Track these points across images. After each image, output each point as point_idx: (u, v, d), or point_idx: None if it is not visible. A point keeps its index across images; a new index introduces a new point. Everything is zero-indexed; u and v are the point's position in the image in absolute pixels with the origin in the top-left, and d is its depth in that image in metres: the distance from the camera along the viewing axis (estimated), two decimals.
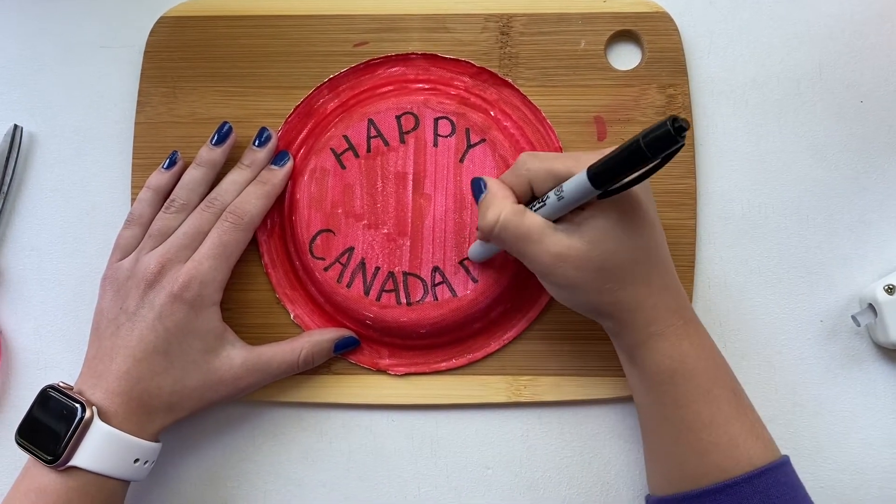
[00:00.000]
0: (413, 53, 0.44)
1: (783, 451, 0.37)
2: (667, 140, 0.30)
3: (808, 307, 0.44)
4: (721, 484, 0.36)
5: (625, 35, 0.45)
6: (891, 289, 0.42)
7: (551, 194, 0.36)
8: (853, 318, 0.42)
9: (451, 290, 0.42)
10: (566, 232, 0.36)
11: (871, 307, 0.42)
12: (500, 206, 0.37)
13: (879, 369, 0.44)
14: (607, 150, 0.34)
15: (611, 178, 0.33)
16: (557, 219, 0.36)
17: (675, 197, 0.44)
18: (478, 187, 0.39)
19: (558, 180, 0.36)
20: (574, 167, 0.35)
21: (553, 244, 0.36)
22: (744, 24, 0.46)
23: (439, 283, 0.42)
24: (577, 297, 0.37)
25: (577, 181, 0.34)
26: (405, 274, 0.42)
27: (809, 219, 0.45)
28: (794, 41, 0.45)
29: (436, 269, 0.42)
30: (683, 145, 0.30)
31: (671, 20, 0.44)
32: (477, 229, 0.40)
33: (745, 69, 0.45)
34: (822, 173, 0.45)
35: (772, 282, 0.44)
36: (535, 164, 0.37)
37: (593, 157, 0.34)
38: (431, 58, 0.44)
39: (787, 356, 0.44)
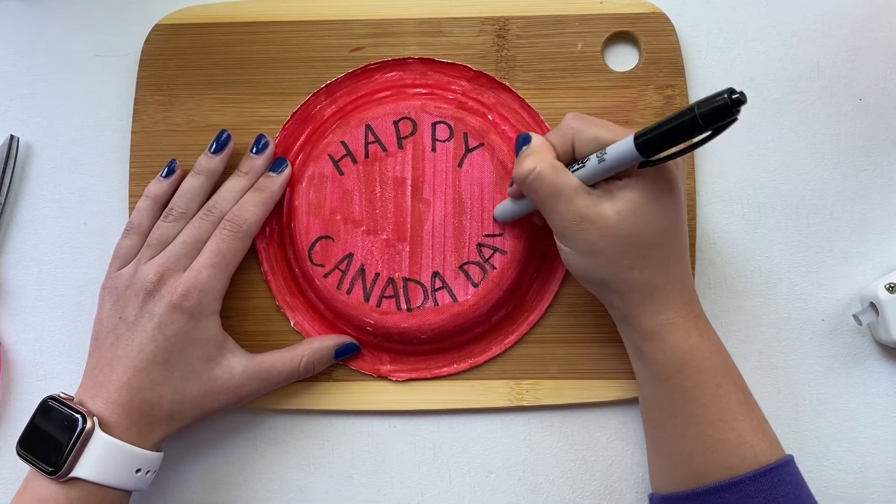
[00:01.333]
0: (410, 58, 0.44)
1: (786, 451, 0.37)
2: (723, 112, 0.30)
3: (809, 306, 0.44)
4: (726, 482, 0.35)
5: (622, 36, 0.45)
6: (892, 287, 0.41)
7: (593, 157, 0.36)
8: (855, 316, 0.42)
9: (452, 295, 0.42)
10: (598, 197, 0.36)
11: (873, 306, 0.42)
12: (540, 157, 0.37)
13: (881, 368, 0.44)
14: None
15: (658, 146, 0.32)
16: (593, 185, 0.36)
17: None
18: (523, 140, 0.39)
19: (602, 146, 0.36)
20: (620, 135, 0.35)
21: (583, 206, 0.36)
22: (741, 23, 0.45)
23: (439, 289, 0.42)
24: (594, 266, 0.37)
25: (623, 145, 0.34)
26: (405, 280, 0.42)
27: (809, 218, 0.44)
28: (791, 40, 0.45)
29: (436, 274, 0.42)
30: (737, 119, 0.30)
31: (668, 21, 0.44)
32: (510, 183, 0.40)
33: (743, 69, 0.45)
34: (821, 172, 0.45)
35: (773, 281, 0.44)
36: (581, 125, 0.37)
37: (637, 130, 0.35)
38: (428, 62, 0.44)
39: (788, 356, 0.44)
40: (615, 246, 0.36)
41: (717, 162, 0.45)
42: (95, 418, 0.37)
